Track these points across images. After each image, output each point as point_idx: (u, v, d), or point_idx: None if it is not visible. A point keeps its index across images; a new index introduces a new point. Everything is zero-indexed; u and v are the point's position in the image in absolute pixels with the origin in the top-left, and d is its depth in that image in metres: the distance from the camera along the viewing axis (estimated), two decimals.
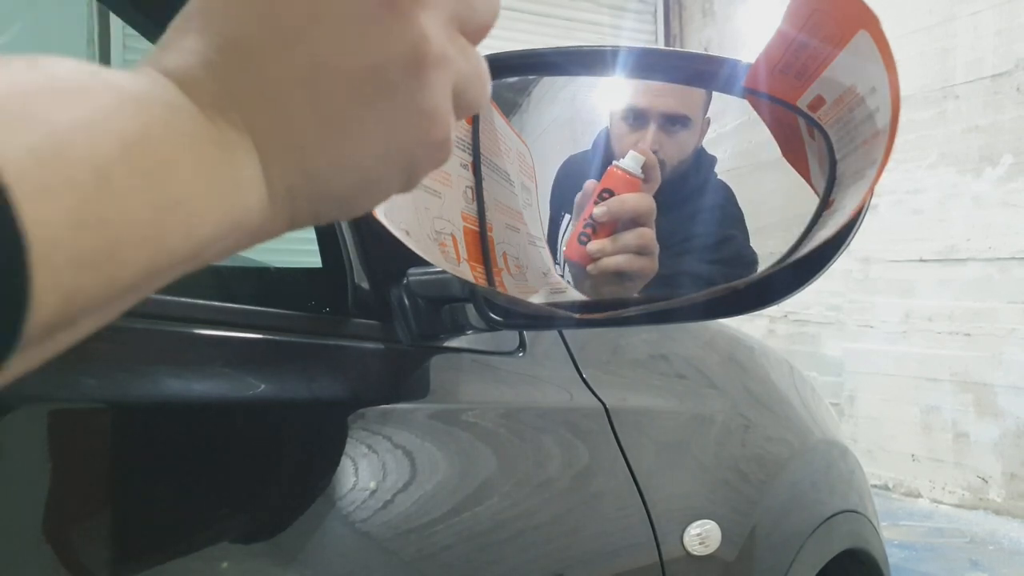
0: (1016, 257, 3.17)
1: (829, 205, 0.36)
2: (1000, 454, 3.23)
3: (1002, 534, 3.04)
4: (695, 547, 0.70)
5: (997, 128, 3.24)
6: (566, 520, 0.61)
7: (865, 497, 1.07)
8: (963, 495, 3.35)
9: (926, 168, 3.46)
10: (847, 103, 0.34)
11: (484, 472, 0.57)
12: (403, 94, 0.26)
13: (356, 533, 0.48)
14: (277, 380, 0.48)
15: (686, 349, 0.86)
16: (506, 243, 0.53)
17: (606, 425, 0.68)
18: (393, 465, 0.52)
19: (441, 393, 0.58)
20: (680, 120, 0.56)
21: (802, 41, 0.33)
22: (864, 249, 3.59)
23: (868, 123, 0.33)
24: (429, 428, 0.56)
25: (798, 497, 0.90)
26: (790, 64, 0.35)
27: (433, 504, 0.52)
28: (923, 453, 3.49)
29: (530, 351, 0.67)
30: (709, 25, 4.66)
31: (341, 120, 0.25)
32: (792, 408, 0.97)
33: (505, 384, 0.64)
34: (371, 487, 0.49)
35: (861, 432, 3.70)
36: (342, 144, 0.26)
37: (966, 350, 3.32)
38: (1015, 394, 3.17)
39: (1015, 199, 3.18)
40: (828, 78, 0.35)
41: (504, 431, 0.60)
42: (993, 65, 3.26)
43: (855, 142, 0.34)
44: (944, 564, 2.75)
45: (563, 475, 0.62)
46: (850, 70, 0.33)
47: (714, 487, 0.77)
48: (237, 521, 0.44)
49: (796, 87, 0.36)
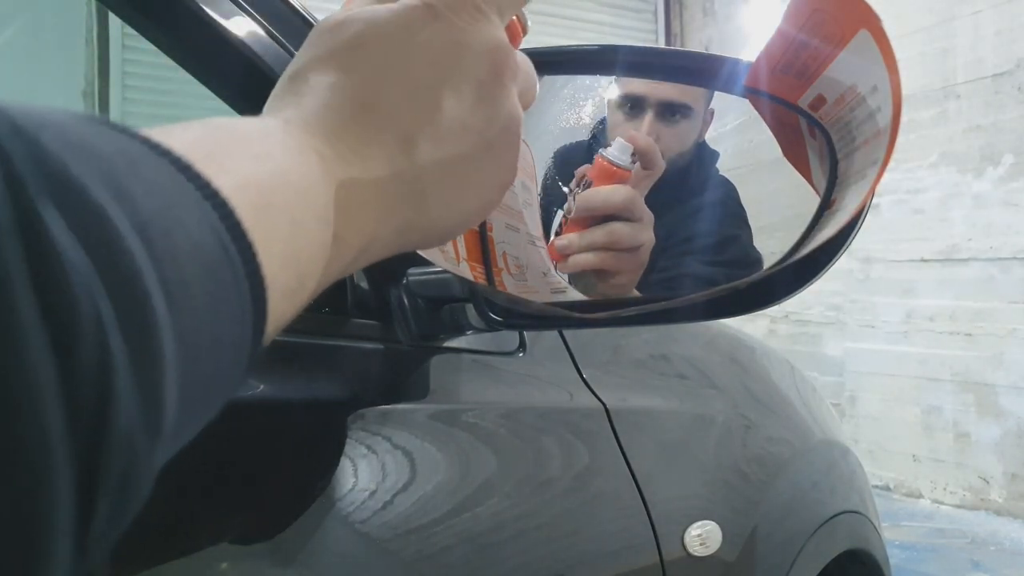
0: (1017, 257, 3.16)
1: (830, 205, 0.36)
2: (1001, 454, 3.23)
3: (1003, 535, 3.03)
4: (696, 548, 0.70)
5: (998, 128, 3.24)
6: (566, 521, 0.60)
7: (866, 497, 1.07)
8: (964, 495, 3.35)
9: (927, 168, 3.45)
10: (848, 102, 0.34)
11: (484, 473, 0.57)
12: (499, 151, 0.31)
13: (356, 534, 0.47)
14: (276, 380, 0.48)
15: (687, 349, 0.86)
16: (506, 243, 0.53)
17: (606, 425, 0.68)
18: (393, 466, 0.52)
19: (441, 393, 0.58)
20: (680, 109, 0.53)
21: (803, 40, 0.33)
22: (865, 249, 3.59)
23: (869, 122, 0.33)
24: (429, 428, 0.55)
25: (799, 497, 0.90)
26: (791, 63, 0.35)
27: (433, 505, 0.52)
28: (924, 453, 3.49)
29: (530, 351, 0.67)
30: (710, 24, 4.66)
31: (456, 171, 0.30)
32: (793, 408, 0.97)
33: (505, 384, 0.64)
34: (371, 488, 0.49)
35: (862, 432, 3.70)
36: (456, 191, 0.30)
37: (967, 350, 3.31)
38: (1016, 394, 3.17)
39: (1016, 199, 3.18)
40: (829, 77, 0.34)
41: (504, 431, 0.60)
42: (994, 65, 3.25)
43: (856, 141, 0.34)
44: (945, 565, 2.75)
45: (563, 476, 0.62)
46: (851, 69, 0.33)
47: (715, 487, 0.76)
48: (237, 521, 0.44)
49: (797, 86, 0.35)
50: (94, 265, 0.15)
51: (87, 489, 0.15)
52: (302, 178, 0.25)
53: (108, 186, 0.17)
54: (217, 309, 0.20)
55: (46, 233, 0.14)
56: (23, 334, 0.13)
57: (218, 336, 0.20)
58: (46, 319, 0.13)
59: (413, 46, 0.29)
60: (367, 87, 0.28)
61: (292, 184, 0.24)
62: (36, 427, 0.13)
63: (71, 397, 0.14)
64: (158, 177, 0.19)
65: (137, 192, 0.17)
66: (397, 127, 0.28)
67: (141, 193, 0.18)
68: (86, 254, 0.15)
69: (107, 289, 0.15)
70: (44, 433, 0.13)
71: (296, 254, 0.24)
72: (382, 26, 0.29)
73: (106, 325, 0.15)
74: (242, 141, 0.24)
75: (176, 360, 0.18)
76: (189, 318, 0.18)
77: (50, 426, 0.13)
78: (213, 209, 0.20)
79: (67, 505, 0.14)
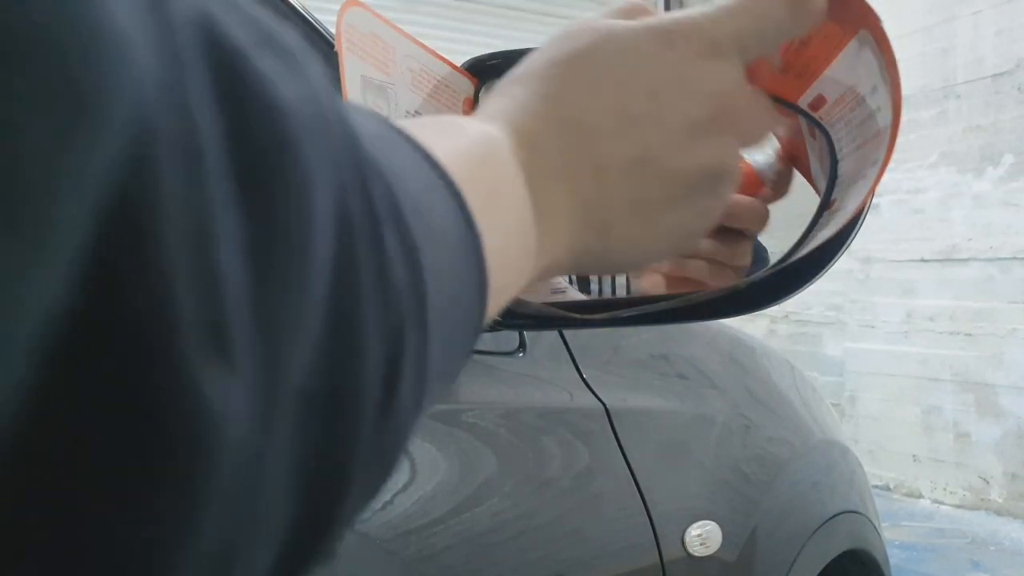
0: (1017, 257, 3.17)
1: (831, 205, 0.36)
2: (1001, 454, 3.23)
3: (1003, 535, 3.03)
4: (696, 548, 0.70)
5: (998, 128, 3.24)
6: (566, 521, 0.61)
7: (866, 497, 1.07)
8: (964, 495, 3.35)
9: (927, 168, 3.45)
10: (848, 102, 0.34)
11: (484, 473, 0.57)
12: (698, 199, 0.29)
13: (355, 534, 0.47)
14: None
15: (687, 349, 0.86)
16: None
17: (606, 425, 0.68)
18: None
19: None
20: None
21: (803, 40, 0.33)
22: (865, 249, 3.59)
23: (869, 122, 0.33)
24: (429, 428, 0.55)
25: (799, 497, 0.90)
26: (791, 63, 0.35)
27: (433, 505, 0.52)
28: (924, 453, 3.49)
29: (530, 351, 0.67)
30: None
31: (647, 210, 0.28)
32: (793, 408, 0.97)
33: (505, 384, 0.64)
34: None
35: (862, 432, 3.70)
36: (642, 230, 0.29)
37: (967, 350, 3.31)
38: (1016, 394, 3.17)
39: (1016, 199, 3.18)
40: (829, 77, 0.34)
41: (504, 431, 0.60)
42: (994, 65, 3.25)
43: (856, 141, 0.34)
44: (945, 565, 2.75)
45: (563, 476, 0.62)
46: (852, 69, 0.33)
47: (715, 487, 0.76)
48: None
49: (797, 86, 0.35)
50: (396, 235, 0.17)
51: (375, 441, 0.16)
52: (512, 184, 0.25)
53: (386, 164, 0.18)
54: (457, 298, 0.20)
55: (374, 200, 0.16)
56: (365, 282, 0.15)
57: (456, 323, 0.20)
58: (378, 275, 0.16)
59: (638, 72, 0.28)
60: (578, 106, 0.27)
61: (504, 189, 0.24)
62: (362, 368, 0.15)
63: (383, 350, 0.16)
64: (409, 161, 0.20)
65: (400, 174, 0.18)
66: (596, 153, 0.27)
67: (402, 175, 0.18)
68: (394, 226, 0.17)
69: (403, 259, 0.17)
70: (366, 374, 0.15)
71: (505, 258, 0.23)
72: (615, 42, 0.28)
73: (404, 290, 0.17)
74: (467, 139, 0.24)
75: (436, 338, 0.18)
76: (440, 301, 0.19)
77: (369, 370, 0.15)
78: (452, 199, 0.20)
79: (367, 447, 0.16)
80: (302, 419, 0.14)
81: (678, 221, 0.29)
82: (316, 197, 0.13)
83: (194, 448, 0.11)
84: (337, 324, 0.14)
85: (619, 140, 0.27)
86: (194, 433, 0.11)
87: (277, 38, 0.14)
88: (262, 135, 0.13)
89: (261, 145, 0.13)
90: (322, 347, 0.14)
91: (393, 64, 0.40)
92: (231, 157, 0.12)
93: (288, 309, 0.13)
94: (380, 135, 0.19)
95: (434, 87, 0.43)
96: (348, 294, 0.15)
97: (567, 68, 0.28)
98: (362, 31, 0.38)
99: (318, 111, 0.14)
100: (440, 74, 0.43)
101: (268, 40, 0.14)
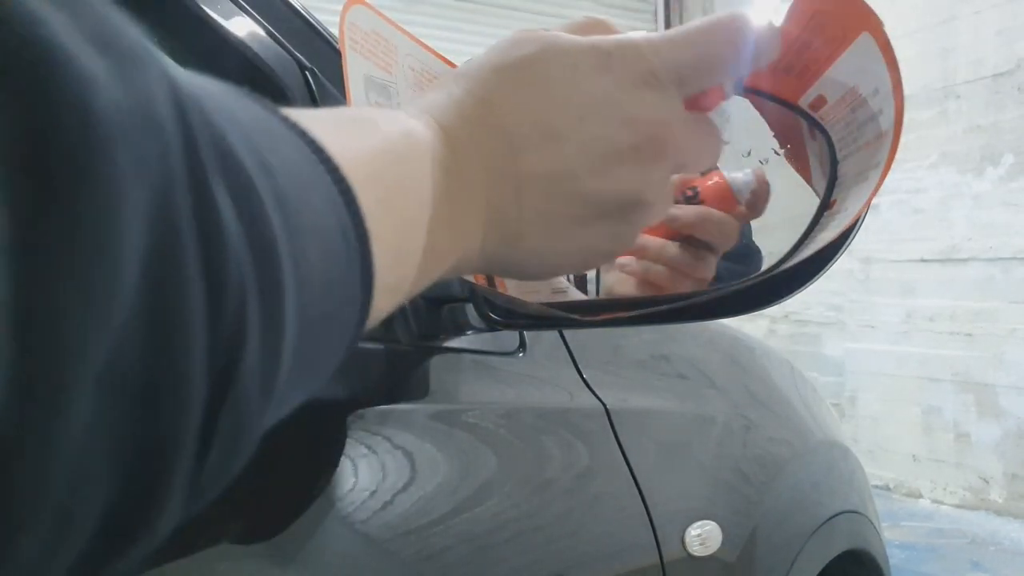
0: (1017, 257, 3.16)
1: (831, 206, 0.36)
2: (1001, 454, 3.23)
3: (1003, 535, 3.03)
4: (696, 548, 0.70)
5: (998, 128, 3.24)
6: (566, 521, 0.61)
7: (866, 497, 1.07)
8: (964, 496, 3.35)
9: (927, 168, 3.45)
10: (849, 104, 0.34)
11: (484, 473, 0.57)
12: (612, 226, 0.30)
13: (355, 534, 0.47)
14: None
15: (687, 349, 0.86)
16: None
17: (607, 426, 0.68)
18: (393, 466, 0.52)
19: (441, 393, 0.58)
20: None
21: (804, 41, 0.33)
22: (865, 249, 3.59)
23: (871, 125, 0.33)
24: (429, 429, 0.55)
25: (799, 498, 0.90)
26: (792, 64, 0.35)
27: (433, 505, 0.52)
28: (924, 453, 3.49)
29: (530, 351, 0.67)
30: None
31: (558, 227, 0.29)
32: (793, 408, 0.97)
33: (505, 384, 0.64)
34: (371, 488, 0.49)
35: (862, 432, 3.70)
36: (552, 244, 0.29)
37: (967, 350, 3.31)
38: (1016, 394, 3.17)
39: (1016, 199, 3.17)
40: (830, 78, 0.34)
41: (504, 432, 0.60)
42: (994, 65, 3.25)
43: (857, 143, 0.34)
44: (945, 565, 2.75)
45: (563, 476, 0.62)
46: (853, 71, 0.33)
47: (715, 488, 0.76)
48: (236, 522, 0.44)
49: (798, 87, 0.35)
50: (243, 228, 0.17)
51: (208, 427, 0.16)
52: (422, 183, 0.25)
53: (253, 158, 0.18)
54: (331, 290, 0.20)
55: (212, 196, 0.16)
56: (186, 277, 0.15)
57: (329, 315, 0.21)
58: (206, 269, 0.15)
59: (570, 90, 0.28)
60: (508, 114, 0.28)
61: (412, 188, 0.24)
62: (184, 357, 0.15)
63: (213, 340, 0.16)
64: (293, 154, 0.20)
65: (276, 166, 0.18)
66: (516, 163, 0.28)
67: (279, 168, 0.19)
68: (237, 219, 0.16)
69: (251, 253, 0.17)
70: (189, 364, 0.15)
71: (402, 255, 0.24)
72: (555, 57, 0.28)
73: (247, 283, 0.17)
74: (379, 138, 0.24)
75: (294, 328, 0.19)
76: (307, 292, 0.19)
77: (194, 360, 0.15)
78: (339, 195, 0.21)
79: (192, 435, 0.16)
80: (115, 399, 0.14)
81: (588, 243, 0.30)
82: (124, 194, 0.14)
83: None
84: (152, 313, 0.14)
85: (540, 154, 0.28)
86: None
87: (118, 38, 0.14)
88: (67, 137, 0.13)
89: (66, 147, 0.13)
90: (131, 334, 0.14)
91: (395, 63, 0.40)
92: (28, 155, 0.12)
93: (80, 295, 0.13)
94: (264, 130, 0.19)
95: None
96: (163, 285, 0.15)
97: (504, 75, 0.28)
98: (364, 29, 0.38)
99: (146, 112, 0.14)
100: (440, 73, 0.43)
101: (104, 40, 0.14)
